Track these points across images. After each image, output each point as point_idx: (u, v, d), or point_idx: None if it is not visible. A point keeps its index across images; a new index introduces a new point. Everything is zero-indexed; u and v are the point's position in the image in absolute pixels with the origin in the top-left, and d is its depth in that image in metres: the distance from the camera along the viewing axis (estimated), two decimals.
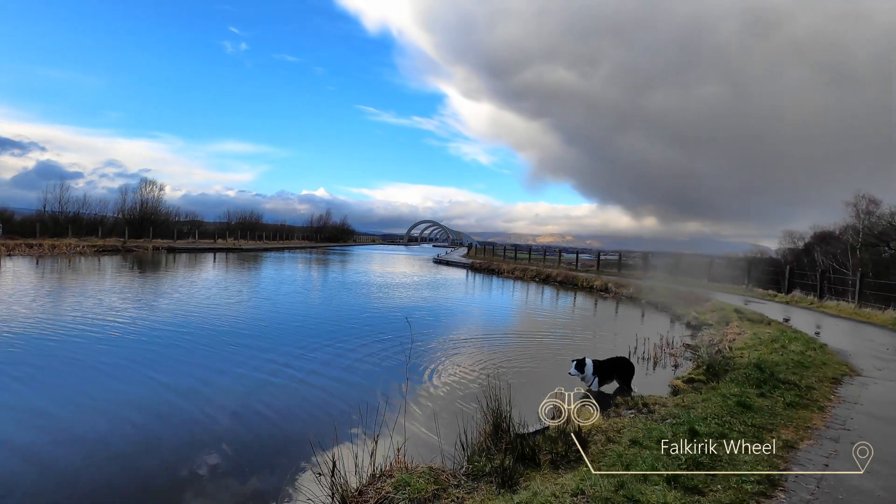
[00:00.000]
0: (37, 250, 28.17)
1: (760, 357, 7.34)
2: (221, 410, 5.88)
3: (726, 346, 8.89)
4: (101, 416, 5.57)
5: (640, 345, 9.83)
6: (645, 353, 9.52)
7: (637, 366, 8.77)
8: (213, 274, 23.08)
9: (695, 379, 6.98)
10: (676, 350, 9.89)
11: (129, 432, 5.19)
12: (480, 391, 5.25)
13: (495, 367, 8.09)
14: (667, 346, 10.38)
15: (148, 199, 47.59)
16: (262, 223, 66.44)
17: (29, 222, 35.67)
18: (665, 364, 8.90)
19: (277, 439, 5.22)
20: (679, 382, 6.69)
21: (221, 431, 5.30)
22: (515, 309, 17.59)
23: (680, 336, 11.67)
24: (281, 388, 6.83)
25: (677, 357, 9.29)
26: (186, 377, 7.07)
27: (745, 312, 13.10)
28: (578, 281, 25.33)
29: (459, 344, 10.34)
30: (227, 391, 6.59)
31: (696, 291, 17.77)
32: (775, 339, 8.61)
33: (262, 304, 14.16)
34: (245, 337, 9.86)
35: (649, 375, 8.29)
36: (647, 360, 9.12)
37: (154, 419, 5.56)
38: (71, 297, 13.71)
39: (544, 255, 39.90)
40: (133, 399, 6.14)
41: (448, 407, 6.25)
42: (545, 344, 10.82)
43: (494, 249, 52.96)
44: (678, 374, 8.02)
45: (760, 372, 6.39)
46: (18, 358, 7.62)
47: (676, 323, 14.56)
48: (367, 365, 8.25)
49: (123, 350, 8.35)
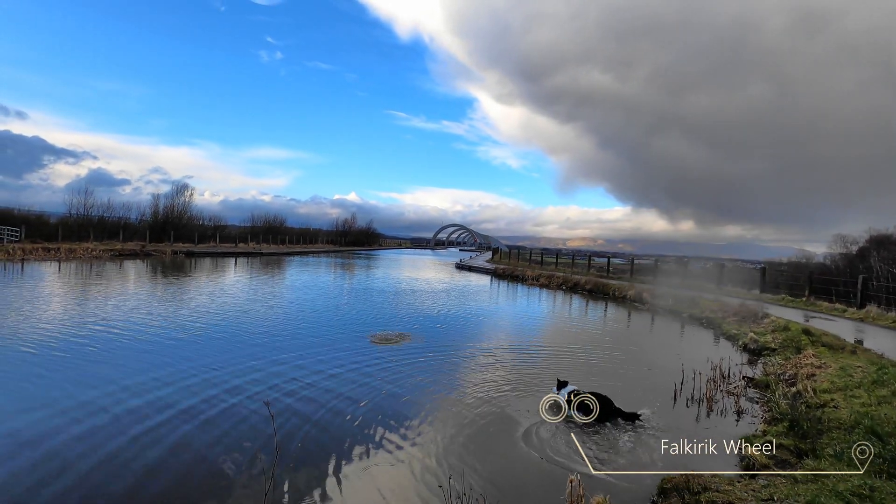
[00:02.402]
0: (54, 254, 28.01)
1: (869, 413, 5.22)
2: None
3: (807, 387, 6.74)
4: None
5: (686, 377, 7.77)
6: (695, 389, 7.45)
7: (687, 410, 6.78)
8: (210, 280, 22.02)
9: (775, 444, 4.95)
10: (736, 387, 7.76)
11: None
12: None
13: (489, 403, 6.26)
14: (722, 378, 8.27)
15: (177, 204, 47.90)
16: (286, 227, 66.30)
17: (52, 226, 35.96)
18: (724, 408, 6.81)
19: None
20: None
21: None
22: (531, 328, 15.59)
23: (737, 365, 9.48)
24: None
25: (738, 397, 7.18)
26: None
27: (815, 333, 10.74)
28: (609, 289, 23.01)
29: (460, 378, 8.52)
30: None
31: (749, 304, 15.31)
32: (878, 380, 6.41)
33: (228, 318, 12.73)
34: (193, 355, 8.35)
35: (702, 423, 6.26)
36: (697, 403, 7.06)
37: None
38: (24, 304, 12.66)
39: (573, 260, 37.50)
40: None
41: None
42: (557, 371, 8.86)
43: (521, 254, 50.77)
44: (746, 428, 5.97)
45: (882, 444, 4.32)
46: None
47: (727, 343, 12.28)
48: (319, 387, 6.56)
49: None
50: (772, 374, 8.13)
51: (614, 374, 8.73)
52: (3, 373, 7.18)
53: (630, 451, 5.27)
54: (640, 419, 5.95)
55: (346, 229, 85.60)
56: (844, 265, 32.91)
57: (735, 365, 9.43)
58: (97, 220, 39.90)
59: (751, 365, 9.90)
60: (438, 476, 4.61)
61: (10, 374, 7.16)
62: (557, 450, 5.25)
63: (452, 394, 7.16)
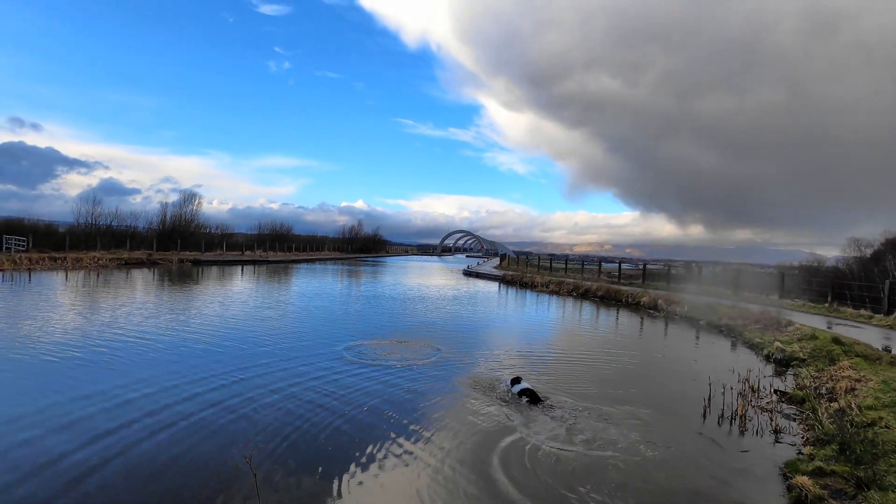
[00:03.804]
0: (60, 263, 27.95)
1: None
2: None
3: (850, 403, 6.23)
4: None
5: (714, 391, 7.28)
6: (724, 405, 6.95)
7: (718, 429, 6.28)
8: (211, 288, 21.76)
9: (826, 470, 4.47)
10: (769, 402, 7.27)
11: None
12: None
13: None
14: (751, 392, 7.78)
15: (185, 213, 48.03)
16: (293, 234, 66.29)
17: (60, 235, 36.02)
18: (759, 427, 6.31)
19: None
20: (806, 481, 4.20)
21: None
22: (543, 338, 15.10)
23: (766, 377, 8.96)
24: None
25: (773, 414, 6.68)
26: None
27: (846, 342, 10.19)
28: (622, 296, 22.46)
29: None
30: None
31: (770, 311, 14.73)
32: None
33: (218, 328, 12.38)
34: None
35: (736, 443, 5.76)
36: (729, 420, 6.56)
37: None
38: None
39: (582, 266, 36.91)
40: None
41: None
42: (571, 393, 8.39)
43: (529, 259, 50.21)
44: (786, 451, 5.48)
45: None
46: None
47: (749, 352, 11.73)
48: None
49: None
50: (807, 388, 7.60)
51: (635, 386, 8.22)
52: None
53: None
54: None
55: (353, 236, 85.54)
56: (859, 269, 32.06)
57: (763, 377, 8.92)
58: (105, 229, 39.98)
59: (779, 377, 9.38)
60: (454, 481, 4.19)
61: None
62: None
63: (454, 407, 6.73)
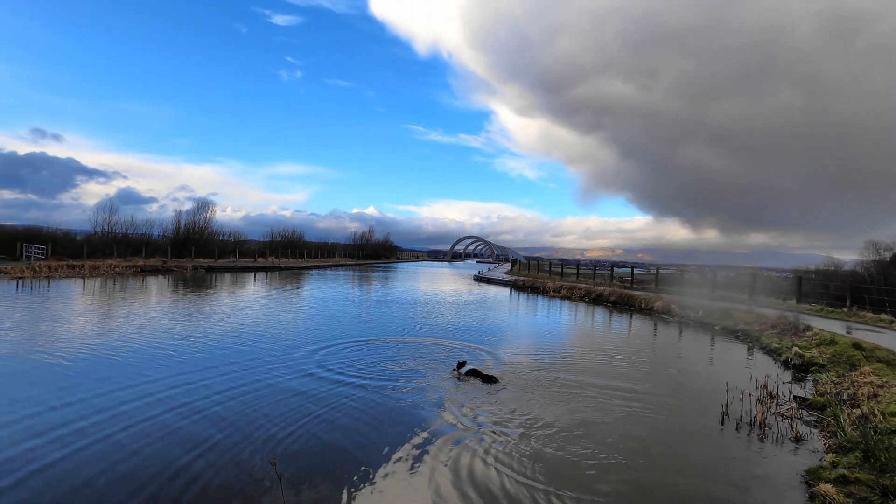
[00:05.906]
0: (78, 271, 28.48)
1: None
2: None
3: (873, 409, 6.11)
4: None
5: (732, 398, 7.17)
6: (742, 412, 6.85)
7: (736, 435, 6.19)
8: (228, 294, 22.00)
9: (850, 478, 4.39)
10: (789, 408, 7.14)
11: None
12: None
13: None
14: (770, 398, 7.66)
15: (199, 220, 48.80)
16: (304, 241, 66.78)
17: (78, 243, 36.74)
18: (778, 434, 6.21)
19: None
20: (829, 489, 4.13)
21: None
22: (557, 343, 15.00)
23: (784, 383, 8.82)
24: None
25: (793, 421, 6.58)
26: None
27: (867, 348, 9.99)
28: (635, 301, 22.26)
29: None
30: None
31: (787, 315, 14.49)
32: None
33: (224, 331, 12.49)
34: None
35: (756, 450, 5.67)
36: (748, 426, 6.47)
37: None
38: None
39: (594, 271, 36.65)
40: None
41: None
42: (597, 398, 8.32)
43: (540, 265, 50.01)
44: (808, 458, 5.38)
45: None
46: None
47: (767, 358, 11.55)
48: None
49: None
50: (827, 394, 7.46)
51: (650, 391, 8.13)
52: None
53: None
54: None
55: (364, 242, 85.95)
56: (878, 272, 31.36)
57: (782, 383, 8.78)
58: (121, 236, 40.68)
59: (798, 383, 9.21)
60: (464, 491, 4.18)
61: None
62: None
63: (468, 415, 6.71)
